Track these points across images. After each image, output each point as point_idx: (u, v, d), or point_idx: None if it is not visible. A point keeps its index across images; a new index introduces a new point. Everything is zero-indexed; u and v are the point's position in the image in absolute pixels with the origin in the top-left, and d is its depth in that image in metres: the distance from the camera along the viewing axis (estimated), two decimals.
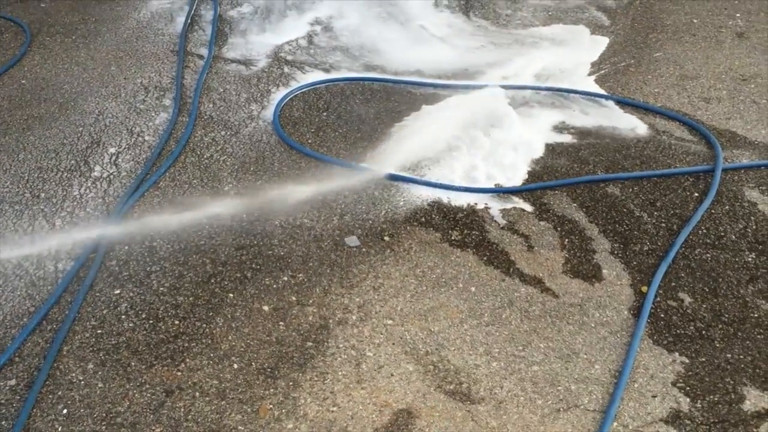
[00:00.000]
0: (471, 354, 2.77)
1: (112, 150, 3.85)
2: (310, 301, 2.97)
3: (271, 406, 2.53)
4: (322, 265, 3.16)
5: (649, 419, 2.54)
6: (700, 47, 5.29)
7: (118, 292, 2.95)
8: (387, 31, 5.43)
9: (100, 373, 2.61)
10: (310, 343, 2.78)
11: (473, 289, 3.08)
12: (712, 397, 2.62)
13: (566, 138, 4.12)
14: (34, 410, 2.46)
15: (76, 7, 5.58)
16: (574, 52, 5.17)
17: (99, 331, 2.77)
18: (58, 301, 2.89)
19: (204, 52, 4.97)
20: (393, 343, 2.80)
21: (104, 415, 2.46)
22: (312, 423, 2.47)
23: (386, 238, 3.33)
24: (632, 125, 4.28)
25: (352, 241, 3.31)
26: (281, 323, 2.86)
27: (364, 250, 3.26)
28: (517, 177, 3.77)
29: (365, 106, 4.38)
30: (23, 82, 4.48)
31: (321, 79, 4.63)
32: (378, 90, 4.57)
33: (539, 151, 3.99)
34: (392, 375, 2.67)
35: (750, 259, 3.26)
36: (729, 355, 2.79)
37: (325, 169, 3.76)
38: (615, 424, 2.51)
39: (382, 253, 3.24)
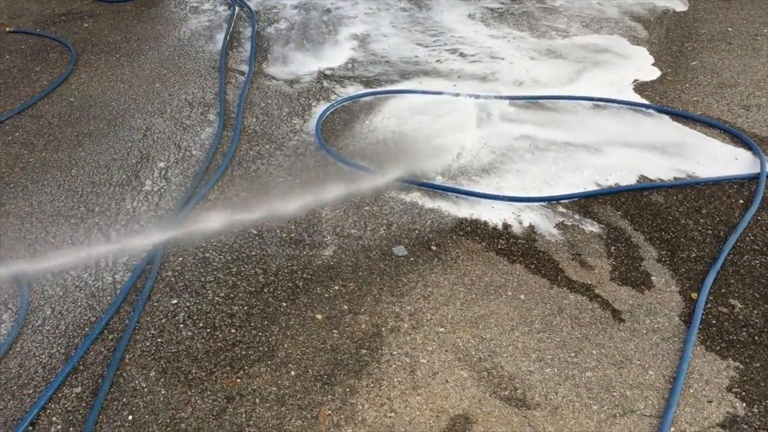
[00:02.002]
0: (524, 360, 2.79)
1: (161, 164, 3.94)
2: (362, 310, 3.02)
3: (330, 411, 2.57)
4: (372, 274, 3.21)
5: (706, 424, 2.54)
6: (736, 55, 5.29)
7: (175, 302, 3.02)
8: (418, 40, 5.50)
9: (162, 380, 2.67)
10: (364, 351, 2.82)
11: (522, 296, 3.11)
12: None
13: None
14: (100, 417, 2.53)
15: (118, 27, 5.73)
16: (621, 64, 5.18)
17: (159, 340, 2.84)
18: (118, 311, 2.96)
19: (244, 68, 5.07)
20: (446, 350, 2.83)
21: (168, 420, 2.52)
22: (371, 428, 2.51)
23: (433, 248, 3.37)
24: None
25: (400, 250, 3.36)
26: (335, 331, 2.91)
27: (411, 259, 3.30)
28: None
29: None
30: (71, 99, 4.60)
31: (361, 93, 4.70)
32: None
33: None
34: (447, 381, 2.70)
35: None
36: None
37: (369, 180, 3.82)
38: (672, 429, 2.51)
39: (430, 262, 3.28)
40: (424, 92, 4.74)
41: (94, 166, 3.91)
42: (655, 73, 5.00)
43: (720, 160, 4.02)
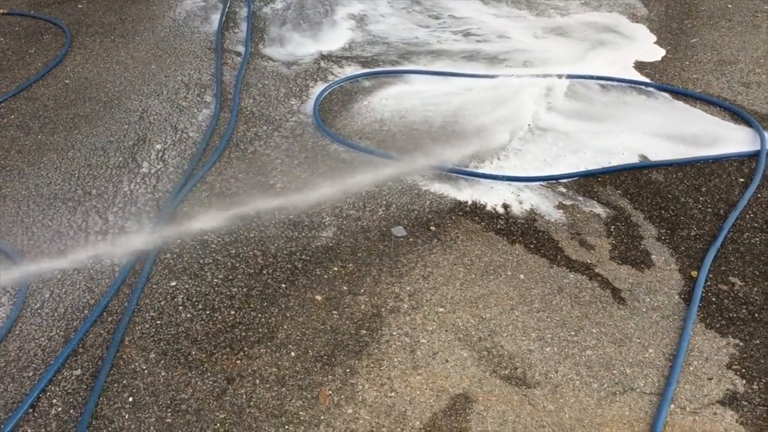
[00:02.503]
0: (524, 339, 2.79)
1: (158, 146, 3.92)
2: (362, 291, 3.01)
3: (330, 392, 2.57)
4: (371, 255, 3.20)
5: (706, 401, 2.55)
6: (736, 32, 5.26)
7: (174, 284, 3.01)
8: (423, 22, 5.45)
9: (162, 362, 2.67)
10: (364, 331, 2.82)
11: (522, 276, 3.10)
12: None
13: None
14: (101, 398, 2.53)
15: (113, 7, 5.67)
16: (622, 43, 5.14)
17: (158, 322, 2.83)
18: (117, 293, 2.96)
19: (240, 49, 5.03)
20: (446, 330, 2.83)
21: (169, 402, 2.52)
22: (371, 408, 2.51)
23: (432, 228, 3.36)
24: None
25: (399, 231, 3.34)
26: (335, 312, 2.90)
27: (411, 240, 3.29)
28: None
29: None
30: (67, 81, 4.57)
31: (359, 73, 4.67)
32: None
33: None
34: (447, 361, 2.70)
35: None
36: None
37: (366, 161, 3.80)
38: (672, 406, 2.52)
39: (429, 243, 3.27)
40: (423, 72, 4.70)
41: (90, 149, 3.89)
42: (657, 52, 4.96)
43: (720, 137, 3.99)
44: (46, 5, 5.68)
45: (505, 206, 3.49)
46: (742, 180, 3.65)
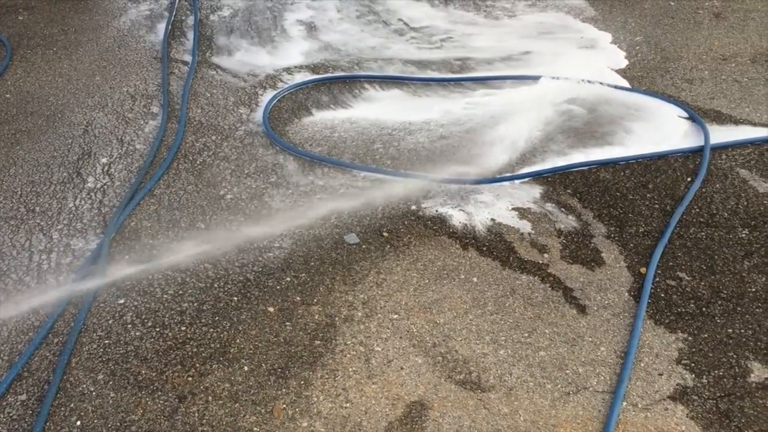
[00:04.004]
0: (478, 343, 2.80)
1: (104, 160, 3.83)
2: (315, 300, 2.98)
3: (285, 405, 2.54)
4: (324, 264, 3.18)
5: (657, 397, 2.58)
6: (678, 29, 5.36)
7: (122, 301, 2.95)
8: (369, 27, 5.44)
9: (111, 383, 2.60)
10: (318, 342, 2.80)
11: (475, 279, 3.11)
12: (716, 371, 2.67)
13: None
14: (48, 424, 2.46)
15: (55, 19, 5.54)
16: (567, 43, 5.20)
17: (107, 342, 2.77)
18: (63, 314, 2.88)
19: (188, 57, 4.96)
20: (400, 337, 2.82)
21: (118, 424, 2.46)
22: (326, 420, 2.49)
23: (385, 234, 3.35)
24: None
25: (351, 238, 3.33)
26: (288, 323, 2.87)
27: (364, 246, 3.27)
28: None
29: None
30: (7, 96, 4.44)
31: (309, 79, 4.64)
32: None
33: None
34: (402, 368, 2.69)
35: (744, 235, 3.32)
36: (730, 330, 2.85)
37: (318, 169, 3.77)
38: (625, 403, 2.55)
39: (382, 249, 3.26)
40: (373, 77, 4.70)
41: (33, 165, 3.79)
42: (612, 52, 5.04)
43: (665, 134, 4.07)
44: None
45: (457, 209, 3.49)
46: (687, 175, 3.72)
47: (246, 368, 2.68)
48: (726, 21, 5.48)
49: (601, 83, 4.52)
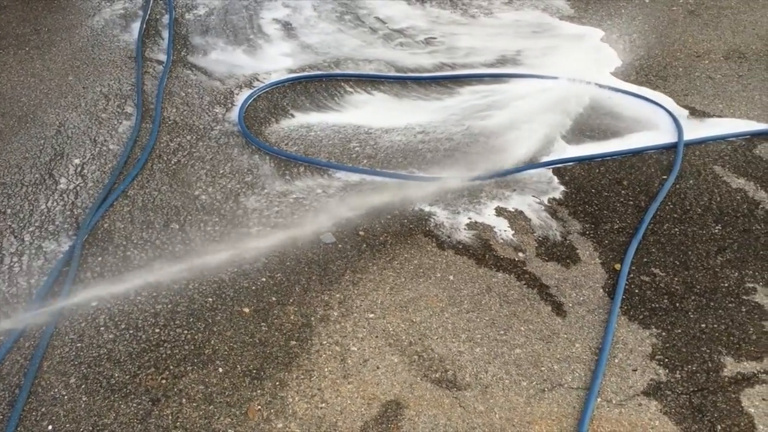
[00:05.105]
0: (454, 341, 2.80)
1: (77, 161, 3.79)
2: (291, 300, 2.97)
3: (260, 407, 2.53)
4: (300, 263, 3.16)
5: (631, 392, 2.60)
6: (653, 26, 5.40)
7: (95, 304, 2.91)
8: (346, 26, 5.43)
9: (83, 386, 2.57)
10: (293, 342, 2.78)
11: (451, 277, 3.11)
12: (690, 366, 2.69)
13: None
14: (19, 428, 2.42)
15: (27, 18, 5.47)
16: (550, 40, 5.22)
17: (79, 345, 2.74)
18: (34, 317, 2.84)
19: (162, 57, 4.92)
20: (376, 336, 2.81)
21: (91, 428, 2.43)
22: (302, 421, 2.48)
23: (361, 233, 3.34)
24: None
25: (327, 237, 3.31)
26: (263, 324, 2.86)
27: (340, 246, 3.26)
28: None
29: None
30: None
31: (284, 78, 4.61)
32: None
33: None
34: (378, 368, 2.68)
35: (717, 231, 3.35)
36: (703, 325, 2.87)
37: (294, 168, 3.76)
38: (599, 399, 2.56)
39: (359, 248, 3.25)
40: (350, 75, 4.68)
41: (4, 166, 3.74)
42: (589, 49, 5.07)
43: (640, 130, 4.10)
44: None
45: (434, 206, 3.49)
46: (661, 172, 3.74)
47: (221, 370, 2.66)
48: (700, 18, 5.52)
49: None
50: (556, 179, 3.69)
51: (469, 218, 3.42)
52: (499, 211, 3.47)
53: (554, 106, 4.23)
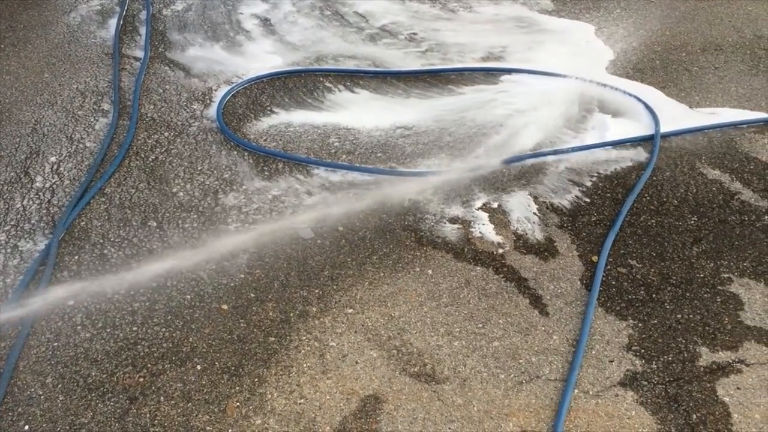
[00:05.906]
0: (433, 335, 2.81)
1: (53, 159, 3.76)
2: (269, 297, 2.97)
3: (238, 403, 2.52)
4: (278, 259, 3.16)
5: (608, 383, 2.62)
6: (631, 19, 5.43)
7: (71, 303, 2.89)
8: (326, 21, 5.41)
9: (60, 386, 2.56)
10: (272, 338, 2.78)
11: (430, 271, 3.11)
12: (666, 357, 2.72)
13: None
14: None
15: (2, 15, 5.41)
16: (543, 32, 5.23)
17: (55, 344, 2.72)
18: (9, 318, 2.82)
19: (139, 53, 4.88)
20: (355, 331, 2.82)
21: (68, 428, 2.42)
22: (280, 417, 2.48)
23: (340, 228, 3.34)
24: None
25: (306, 233, 3.31)
26: (242, 321, 2.85)
27: (319, 241, 3.26)
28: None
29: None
30: None
31: (263, 74, 4.59)
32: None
33: None
34: (357, 363, 2.69)
35: (692, 222, 3.38)
36: (679, 316, 2.90)
37: (272, 164, 3.75)
38: (576, 391, 2.58)
39: (338, 243, 3.25)
40: (331, 71, 4.67)
41: None
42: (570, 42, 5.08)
43: (618, 123, 4.12)
44: None
45: (412, 201, 3.50)
46: (638, 164, 3.77)
47: (199, 367, 2.65)
48: (677, 11, 5.56)
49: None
50: None
51: (449, 213, 3.43)
52: (479, 206, 3.48)
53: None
